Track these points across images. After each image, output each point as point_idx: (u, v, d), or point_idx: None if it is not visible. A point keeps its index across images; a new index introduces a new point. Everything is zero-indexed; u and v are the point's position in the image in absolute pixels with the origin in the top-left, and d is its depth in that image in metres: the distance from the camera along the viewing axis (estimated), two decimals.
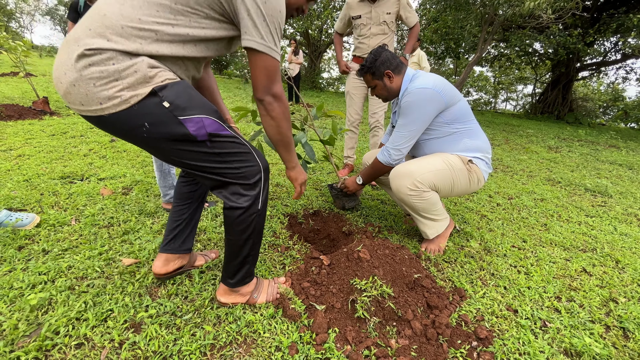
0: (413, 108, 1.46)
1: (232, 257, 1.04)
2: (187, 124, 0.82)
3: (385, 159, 1.57)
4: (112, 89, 0.77)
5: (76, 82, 0.76)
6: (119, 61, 0.76)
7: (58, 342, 0.93)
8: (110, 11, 0.77)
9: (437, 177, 1.46)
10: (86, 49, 0.75)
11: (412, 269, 1.33)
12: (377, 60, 1.54)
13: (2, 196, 1.81)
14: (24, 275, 1.19)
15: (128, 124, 0.81)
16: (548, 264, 1.57)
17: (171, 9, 0.80)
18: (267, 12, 0.83)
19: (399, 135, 1.51)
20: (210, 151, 0.88)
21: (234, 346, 0.98)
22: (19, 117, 3.57)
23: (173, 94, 0.82)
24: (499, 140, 5.20)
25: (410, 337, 1.06)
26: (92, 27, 0.76)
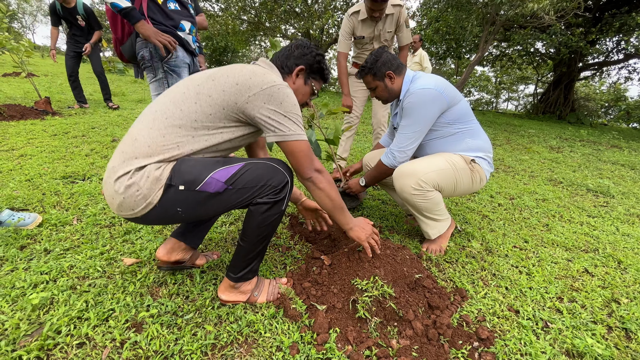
0: (416, 109, 1.45)
1: (245, 252, 1.06)
2: (205, 189, 0.93)
3: (389, 161, 1.55)
4: (137, 197, 0.91)
5: (113, 196, 0.93)
6: (136, 174, 0.90)
7: (60, 341, 0.93)
8: (141, 135, 0.93)
9: (441, 177, 1.45)
10: (117, 176, 0.91)
11: (413, 269, 1.33)
12: (378, 60, 1.52)
13: (4, 196, 1.82)
14: (25, 275, 1.19)
15: (165, 215, 0.96)
16: (550, 265, 1.57)
17: (192, 127, 0.94)
18: (285, 111, 0.97)
19: (403, 137, 1.50)
20: (235, 190, 0.95)
21: (235, 346, 0.98)
22: (21, 117, 3.59)
23: (180, 176, 0.92)
24: (501, 141, 5.19)
25: (412, 337, 1.06)
26: (125, 151, 0.93)
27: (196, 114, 0.93)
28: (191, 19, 1.61)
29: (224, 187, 0.94)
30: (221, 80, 0.95)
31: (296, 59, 1.13)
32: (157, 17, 1.48)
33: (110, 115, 4.19)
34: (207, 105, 0.94)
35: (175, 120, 0.93)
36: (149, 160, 0.91)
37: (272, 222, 1.02)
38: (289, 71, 1.14)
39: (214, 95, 0.94)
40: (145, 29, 1.41)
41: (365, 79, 1.59)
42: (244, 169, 0.97)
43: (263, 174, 0.97)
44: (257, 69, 0.99)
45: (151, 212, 0.94)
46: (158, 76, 1.53)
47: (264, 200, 0.97)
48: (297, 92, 1.16)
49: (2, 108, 3.59)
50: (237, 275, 1.10)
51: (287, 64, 1.13)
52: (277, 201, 0.99)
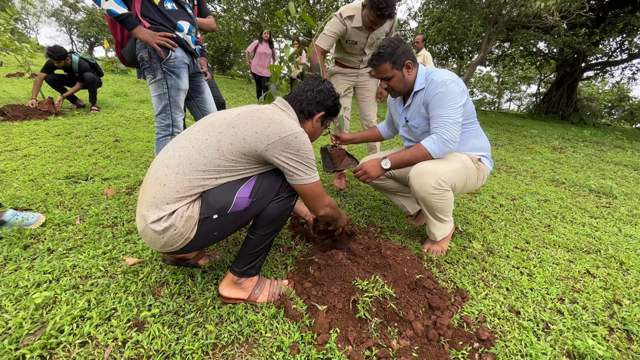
0: (449, 97, 1.39)
1: (253, 244, 1.11)
2: (236, 209, 1.01)
3: (437, 149, 1.41)
4: (176, 235, 0.99)
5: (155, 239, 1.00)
6: (171, 217, 0.97)
7: (62, 340, 0.94)
8: (169, 180, 0.98)
9: (456, 176, 1.44)
10: (153, 220, 0.97)
11: (414, 269, 1.33)
12: (399, 48, 1.43)
13: (8, 196, 1.83)
14: (29, 274, 1.20)
15: (204, 242, 1.05)
16: (551, 266, 1.57)
17: (216, 171, 1.01)
18: (302, 159, 1.04)
19: (449, 124, 1.38)
20: (258, 200, 1.04)
21: (236, 345, 0.99)
22: (24, 117, 3.61)
23: (211, 207, 1.00)
24: (503, 141, 5.18)
25: (412, 337, 1.06)
26: (156, 196, 0.98)
27: (219, 160, 1.00)
28: (190, 19, 1.62)
29: (250, 201, 1.03)
30: (241, 128, 1.01)
31: (318, 105, 1.20)
32: (155, 17, 1.48)
33: (112, 115, 4.21)
34: (229, 152, 1.00)
35: (199, 166, 0.99)
36: (179, 204, 0.98)
37: (283, 216, 1.09)
38: (309, 116, 1.21)
39: (235, 143, 1.00)
40: (143, 33, 1.41)
41: (381, 67, 1.45)
42: (258, 180, 1.06)
43: (276, 179, 1.08)
44: (274, 116, 1.04)
45: (190, 244, 1.03)
46: (157, 77, 1.53)
47: (278, 197, 1.07)
48: (315, 133, 1.28)
49: (5, 108, 3.62)
50: (241, 269, 1.12)
51: (308, 110, 1.19)
52: (288, 196, 1.09)
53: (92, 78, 4.15)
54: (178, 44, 1.56)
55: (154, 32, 1.46)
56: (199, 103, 1.85)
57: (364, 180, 1.51)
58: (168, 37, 1.50)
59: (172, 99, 1.58)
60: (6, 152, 2.56)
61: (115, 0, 1.35)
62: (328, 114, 1.24)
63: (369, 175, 1.49)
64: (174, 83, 1.56)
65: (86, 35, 30.33)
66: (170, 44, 1.50)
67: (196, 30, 1.71)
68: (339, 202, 2.14)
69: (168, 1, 1.54)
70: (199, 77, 1.81)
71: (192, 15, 1.65)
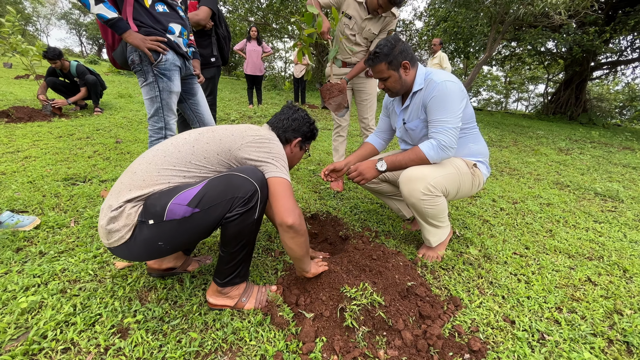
0: (449, 101, 1.36)
1: (226, 261, 1.06)
2: (171, 217, 0.93)
3: (436, 155, 1.38)
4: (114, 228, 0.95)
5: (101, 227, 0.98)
6: (120, 209, 0.95)
7: (45, 346, 0.93)
8: (140, 169, 1.00)
9: (448, 181, 1.41)
10: (112, 210, 0.95)
11: (406, 276, 1.30)
12: (396, 47, 1.40)
13: (5, 197, 1.85)
14: (18, 278, 1.21)
15: (150, 250, 0.99)
16: (550, 273, 1.52)
17: (185, 168, 1.01)
18: (273, 156, 1.05)
19: (448, 129, 1.35)
20: (203, 211, 0.94)
21: (219, 354, 0.97)
22: (28, 119, 3.66)
23: (147, 210, 0.95)
24: (507, 142, 5.09)
25: (400, 347, 1.03)
26: (123, 182, 0.99)
27: (192, 155, 1.01)
28: (181, 21, 1.61)
29: (190, 210, 0.93)
30: (219, 131, 1.07)
31: (294, 131, 1.26)
32: (145, 20, 1.48)
33: (115, 117, 4.25)
34: (204, 150, 1.02)
35: (172, 159, 1.01)
36: (140, 192, 0.96)
37: (247, 232, 1.01)
38: (287, 142, 1.27)
39: (211, 142, 1.04)
40: (133, 38, 1.41)
41: (377, 67, 1.43)
42: (207, 186, 0.96)
43: (229, 187, 0.95)
44: (253, 126, 1.13)
45: (128, 246, 0.97)
46: (149, 80, 1.53)
47: (233, 214, 0.95)
48: (294, 157, 1.32)
49: (10, 110, 3.68)
50: (223, 281, 1.09)
51: (285, 136, 1.26)
52: (247, 211, 0.97)
53: (94, 80, 4.21)
54: (169, 47, 1.56)
55: (144, 36, 1.46)
56: (191, 105, 1.84)
57: (359, 182, 1.48)
58: (159, 41, 1.50)
59: (164, 101, 1.58)
60: (8, 153, 2.59)
61: (104, 4, 1.35)
62: (305, 139, 1.31)
63: (364, 176, 1.46)
64: (166, 86, 1.55)
65: (95, 37, 30.80)
66: (161, 47, 1.50)
67: (188, 32, 1.70)
68: (334, 205, 2.12)
69: (159, 4, 1.53)
70: (191, 80, 1.80)
71: (184, 18, 1.64)
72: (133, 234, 0.95)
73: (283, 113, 1.28)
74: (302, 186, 2.41)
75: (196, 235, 0.99)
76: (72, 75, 4.26)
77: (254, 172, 1.00)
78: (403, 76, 1.46)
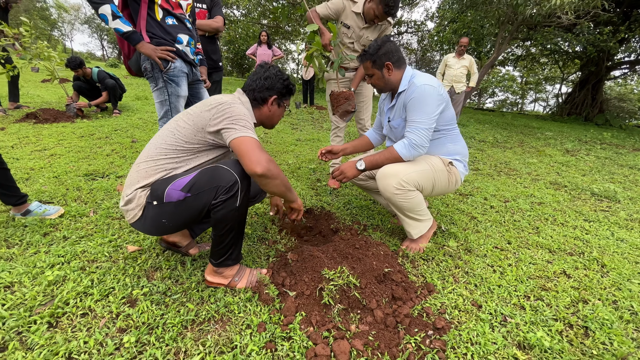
0: (424, 103, 1.47)
1: (217, 243, 1.22)
2: (169, 200, 1.13)
3: (407, 153, 1.51)
4: (129, 210, 1.19)
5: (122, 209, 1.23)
6: (130, 194, 1.18)
7: (67, 311, 1.11)
8: (142, 163, 1.21)
9: (421, 177, 1.53)
10: (127, 196, 1.19)
11: (385, 263, 1.43)
12: (381, 49, 1.53)
13: (34, 190, 2.08)
14: (45, 257, 1.40)
15: (157, 226, 1.19)
16: (526, 265, 1.61)
17: (175, 155, 1.20)
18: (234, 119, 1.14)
19: (420, 132, 1.47)
20: (194, 195, 1.11)
21: (212, 322, 1.13)
22: (54, 120, 3.96)
23: (152, 193, 1.16)
24: (512, 143, 5.09)
25: (371, 323, 1.16)
26: (133, 176, 1.20)
27: (176, 142, 1.19)
28: (189, 32, 1.79)
29: (184, 195, 1.12)
30: (192, 112, 1.21)
31: (268, 90, 1.30)
32: (157, 32, 1.67)
33: (132, 118, 4.52)
34: (183, 135, 1.19)
35: (162, 150, 1.19)
36: (146, 181, 1.18)
37: (231, 217, 1.14)
38: (263, 102, 1.32)
39: (187, 126, 1.19)
40: (145, 48, 1.60)
41: (364, 64, 1.61)
42: (198, 175, 1.13)
43: (214, 177, 1.10)
44: (219, 96, 1.22)
45: (140, 223, 1.20)
46: (159, 85, 1.71)
47: (217, 200, 1.10)
48: (273, 115, 1.37)
49: (38, 112, 3.99)
50: (217, 261, 1.25)
51: (260, 96, 1.31)
52: (228, 199, 1.10)
53: (113, 84, 4.49)
54: (177, 55, 1.74)
55: (155, 46, 1.64)
56: None
57: (341, 180, 1.63)
58: (168, 50, 1.68)
59: (173, 104, 1.76)
60: (36, 151, 2.85)
61: (121, 19, 1.54)
62: (281, 95, 1.34)
63: (345, 175, 1.61)
64: (174, 90, 1.73)
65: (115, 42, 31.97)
66: (170, 56, 1.68)
67: (195, 42, 1.88)
68: (329, 201, 2.26)
69: (169, 17, 1.71)
70: (198, 85, 1.98)
71: (191, 30, 1.82)
72: (143, 213, 1.18)
73: (255, 74, 1.31)
74: (301, 183, 2.56)
75: (190, 216, 1.16)
76: (94, 80, 4.57)
77: (235, 165, 1.15)
78: (386, 75, 1.59)
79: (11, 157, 2.64)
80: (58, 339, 1.00)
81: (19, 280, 1.25)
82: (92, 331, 1.05)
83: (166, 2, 1.70)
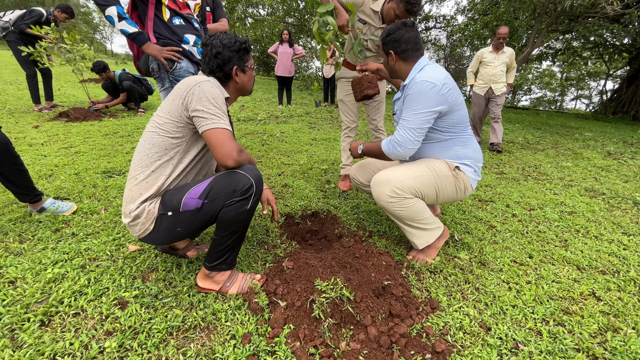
0: (418, 100, 1.36)
1: (217, 244, 1.20)
2: (187, 208, 1.14)
3: (388, 150, 1.47)
4: (138, 225, 1.17)
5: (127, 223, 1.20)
6: (137, 209, 1.16)
7: (60, 310, 1.13)
8: (139, 176, 1.18)
9: (419, 183, 1.42)
10: (132, 212, 1.16)
11: (385, 275, 1.33)
12: (389, 36, 1.47)
13: (55, 186, 2.18)
14: (51, 254, 1.45)
15: (170, 236, 1.19)
16: (548, 284, 1.45)
17: (165, 150, 1.18)
18: (204, 104, 1.11)
19: (406, 129, 1.39)
20: (210, 201, 1.13)
21: (197, 330, 1.10)
22: (83, 118, 4.19)
23: (165, 204, 1.16)
24: (545, 145, 4.71)
25: (363, 341, 1.08)
26: (133, 189, 1.17)
27: (162, 141, 1.17)
28: (196, 32, 1.78)
29: (201, 202, 1.13)
30: (166, 104, 1.19)
31: (225, 64, 1.23)
32: (163, 33, 1.67)
33: None
34: (165, 130, 1.17)
35: (152, 153, 1.18)
36: (149, 193, 1.17)
37: (238, 219, 1.15)
38: (227, 78, 1.26)
39: (166, 119, 1.17)
40: (151, 49, 1.60)
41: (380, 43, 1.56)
42: (213, 182, 1.15)
43: (230, 181, 1.14)
44: (183, 81, 1.18)
45: (152, 235, 1.18)
46: (165, 85, 1.72)
47: (230, 201, 1.12)
48: (245, 84, 1.32)
49: (70, 111, 4.23)
50: (211, 264, 1.22)
51: (222, 75, 1.25)
52: (241, 200, 1.13)
53: (129, 86, 4.72)
54: (184, 56, 1.73)
55: (161, 47, 1.64)
56: None
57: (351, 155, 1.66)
58: (174, 50, 1.68)
59: None
60: (63, 149, 3.01)
61: (127, 21, 1.55)
62: (240, 61, 1.26)
63: (351, 154, 1.71)
64: None
65: None
66: (176, 56, 1.68)
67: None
68: (337, 204, 2.18)
69: (176, 18, 1.71)
70: None
71: (198, 29, 1.81)
72: (156, 225, 1.17)
73: (204, 55, 1.24)
74: (310, 184, 2.50)
75: (205, 221, 1.17)
76: (117, 82, 4.88)
77: (251, 170, 1.17)
78: (390, 63, 1.53)
79: (40, 154, 2.80)
80: (46, 338, 1.01)
81: (23, 276, 1.29)
82: (79, 332, 1.05)
83: (173, 3, 1.70)
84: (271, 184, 2.48)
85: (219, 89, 1.19)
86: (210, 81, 1.17)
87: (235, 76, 1.27)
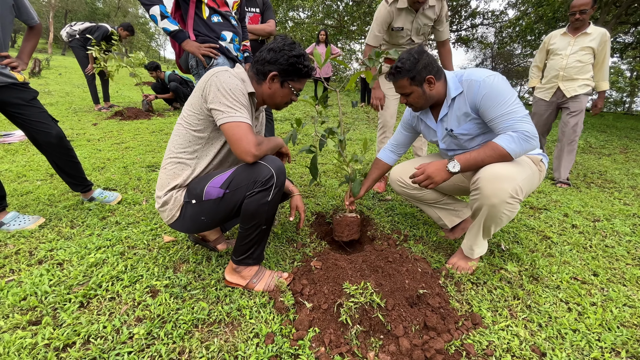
0: (504, 91, 1.24)
1: (241, 238, 1.19)
2: (209, 197, 1.15)
3: (518, 148, 1.21)
4: (166, 211, 1.21)
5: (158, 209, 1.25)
6: (165, 196, 1.20)
7: (98, 293, 1.18)
8: (168, 165, 1.21)
9: (528, 184, 1.28)
10: (161, 198, 1.21)
11: (421, 283, 1.22)
12: (419, 62, 1.30)
13: (105, 178, 2.34)
14: (96, 239, 1.54)
15: (195, 224, 1.21)
16: (619, 307, 1.23)
17: (190, 142, 1.19)
18: (221, 95, 1.08)
19: (524, 119, 1.21)
20: (232, 191, 1.13)
21: (222, 325, 1.08)
22: (135, 117, 4.52)
23: (189, 192, 1.18)
24: (612, 149, 4.16)
25: (394, 353, 0.99)
26: (163, 178, 1.22)
27: (187, 132, 1.18)
28: (233, 29, 1.80)
29: (222, 191, 1.13)
30: (191, 98, 1.19)
31: (269, 64, 1.16)
32: (202, 30, 1.71)
33: None
34: (190, 122, 1.17)
35: (179, 145, 1.20)
36: (177, 182, 1.19)
37: (260, 211, 1.12)
38: (263, 77, 1.20)
39: (190, 112, 1.17)
40: (190, 45, 1.65)
41: (399, 82, 1.34)
42: (235, 172, 1.14)
43: (251, 172, 1.11)
44: (210, 71, 1.14)
45: (178, 222, 1.22)
46: None
47: (251, 192, 1.10)
48: (274, 95, 1.23)
49: (124, 110, 4.59)
50: (238, 259, 1.21)
51: (261, 71, 1.19)
52: (261, 191, 1.10)
53: (175, 86, 5.03)
54: (221, 52, 1.76)
55: (199, 44, 1.68)
56: None
57: (427, 186, 1.32)
58: (212, 47, 1.71)
59: None
60: (115, 144, 3.26)
61: (168, 19, 1.60)
62: (284, 73, 1.17)
63: (433, 180, 1.30)
64: None
65: None
66: (213, 53, 1.71)
67: (240, 39, 1.89)
68: (370, 205, 2.08)
69: (214, 15, 1.75)
70: None
71: (235, 27, 1.84)
72: (181, 213, 1.20)
73: (268, 44, 1.19)
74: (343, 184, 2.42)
75: (228, 212, 1.16)
76: (166, 82, 5.22)
77: (273, 161, 1.13)
78: (427, 91, 1.35)
79: (95, 149, 3.05)
80: (83, 320, 1.05)
81: (69, 259, 1.38)
82: (113, 316, 1.08)
83: (212, 1, 1.73)
84: (303, 182, 2.45)
85: (239, 80, 1.13)
86: (229, 71, 1.13)
87: (269, 80, 1.19)
